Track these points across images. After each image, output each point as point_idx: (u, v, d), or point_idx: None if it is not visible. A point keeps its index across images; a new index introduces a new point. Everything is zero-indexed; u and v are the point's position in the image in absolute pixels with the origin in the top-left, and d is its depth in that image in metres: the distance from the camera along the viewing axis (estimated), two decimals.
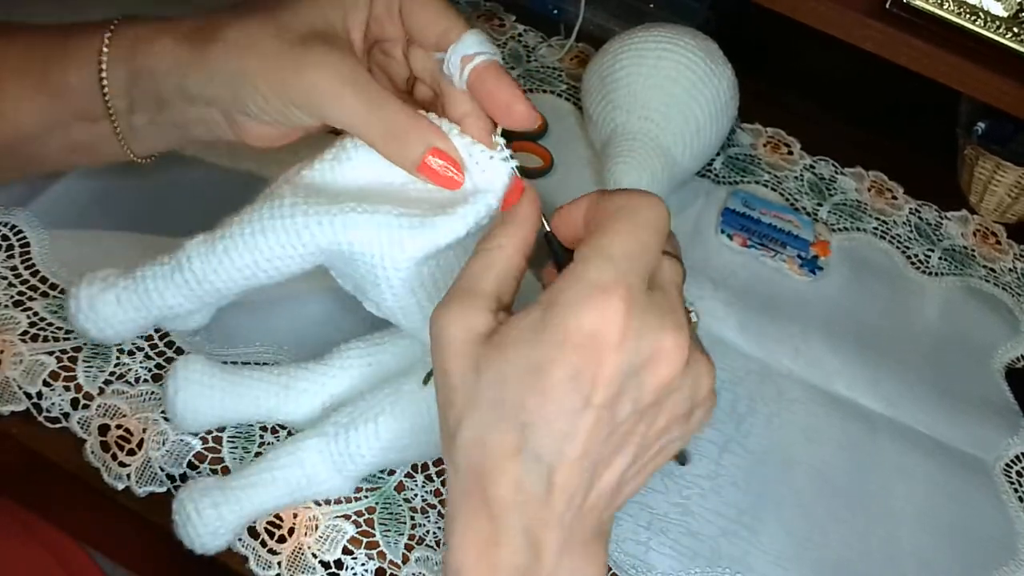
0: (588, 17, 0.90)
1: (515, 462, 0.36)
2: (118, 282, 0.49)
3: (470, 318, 0.38)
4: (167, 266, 0.48)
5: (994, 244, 0.84)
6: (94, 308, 0.49)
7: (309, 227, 0.44)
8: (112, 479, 0.54)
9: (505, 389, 0.36)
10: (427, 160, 0.45)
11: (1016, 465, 0.67)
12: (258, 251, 0.45)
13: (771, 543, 0.59)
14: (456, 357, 0.37)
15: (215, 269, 0.46)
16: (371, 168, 0.46)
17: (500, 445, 0.36)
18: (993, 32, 0.70)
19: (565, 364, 0.35)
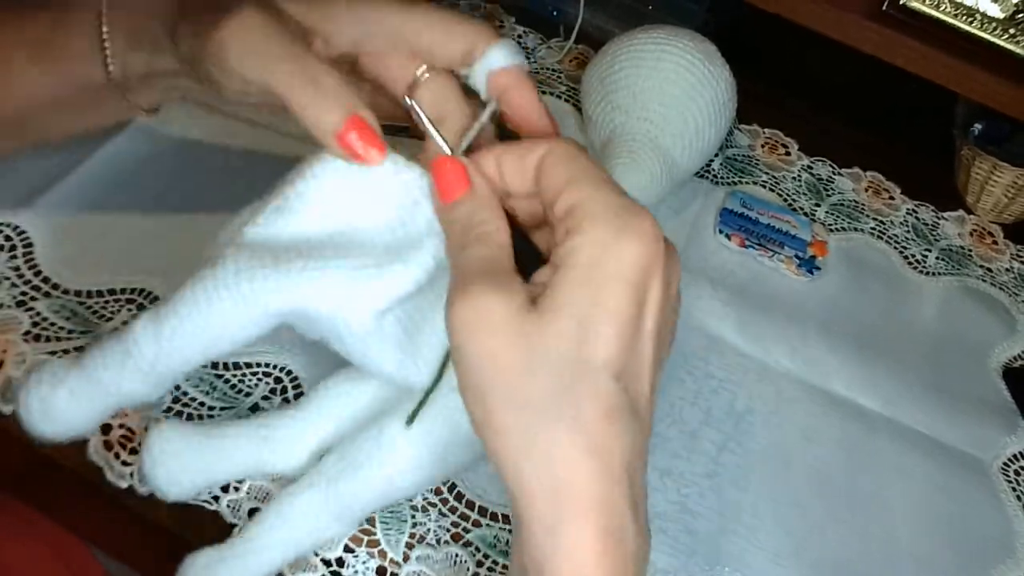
0: (587, 19, 0.90)
1: (618, 424, 0.34)
2: (68, 376, 0.42)
3: (510, 293, 0.35)
4: (117, 353, 0.42)
5: (991, 244, 0.84)
6: (47, 408, 0.42)
7: (256, 295, 0.40)
8: (114, 478, 0.54)
9: (581, 345, 0.34)
10: (347, 131, 0.39)
11: (1013, 464, 0.67)
12: (209, 328, 0.41)
13: (769, 541, 0.59)
14: (507, 336, 0.34)
15: (168, 353, 0.41)
16: (317, 214, 0.42)
17: (597, 409, 0.34)
18: (989, 33, 0.71)
19: (634, 298, 0.34)
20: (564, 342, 0.34)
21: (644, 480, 0.36)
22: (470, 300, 0.35)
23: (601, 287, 0.34)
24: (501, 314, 0.34)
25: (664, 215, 0.78)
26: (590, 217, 0.35)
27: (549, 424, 0.33)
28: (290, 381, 0.59)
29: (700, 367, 0.67)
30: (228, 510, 0.53)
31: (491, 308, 0.34)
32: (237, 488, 0.54)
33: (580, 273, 0.34)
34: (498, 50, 0.42)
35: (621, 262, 0.34)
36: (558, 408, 0.33)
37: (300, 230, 0.42)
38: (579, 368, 0.34)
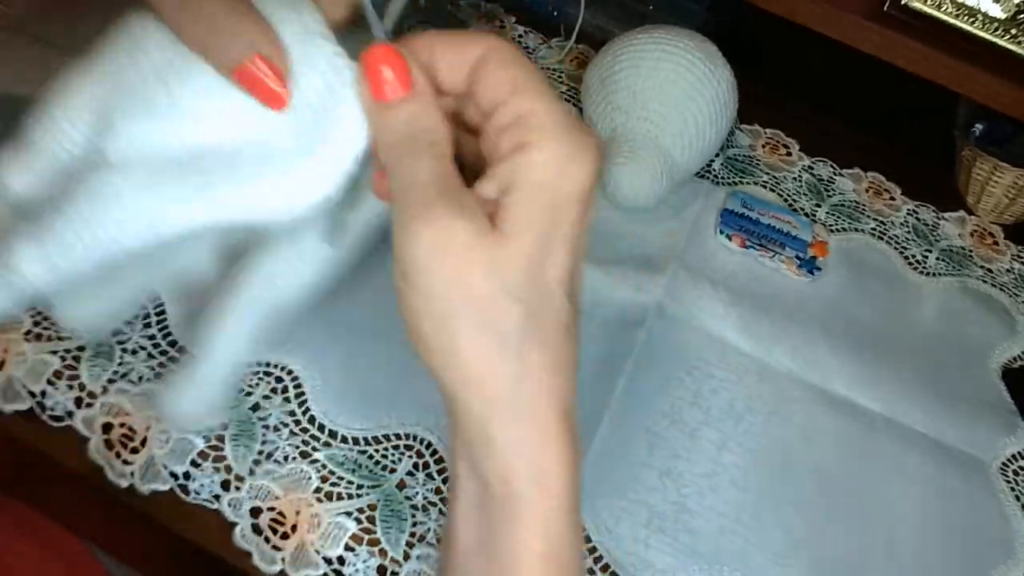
0: (588, 19, 0.90)
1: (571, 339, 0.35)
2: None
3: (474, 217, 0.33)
4: None
5: (991, 245, 0.84)
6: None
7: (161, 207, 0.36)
8: (116, 477, 0.55)
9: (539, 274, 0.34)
10: (247, 65, 0.35)
11: (1012, 464, 0.67)
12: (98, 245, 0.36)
13: (769, 541, 0.59)
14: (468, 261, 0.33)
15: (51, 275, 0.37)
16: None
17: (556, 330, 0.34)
18: (991, 34, 0.71)
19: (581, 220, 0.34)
20: (530, 265, 0.33)
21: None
22: (435, 223, 0.32)
23: (559, 209, 0.33)
24: (467, 237, 0.33)
25: (664, 215, 0.78)
26: (543, 132, 0.33)
27: (522, 347, 0.33)
28: (291, 380, 0.59)
29: (700, 367, 0.67)
30: (229, 508, 0.54)
31: (456, 231, 0.32)
32: (238, 487, 0.54)
33: (538, 194, 0.33)
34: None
35: (576, 183, 0.33)
36: (531, 331, 0.33)
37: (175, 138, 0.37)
38: (543, 291, 0.34)
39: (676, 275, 0.73)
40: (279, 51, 0.35)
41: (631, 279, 0.71)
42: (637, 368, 0.66)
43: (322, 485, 0.55)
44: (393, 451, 0.57)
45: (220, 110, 0.36)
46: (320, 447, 0.56)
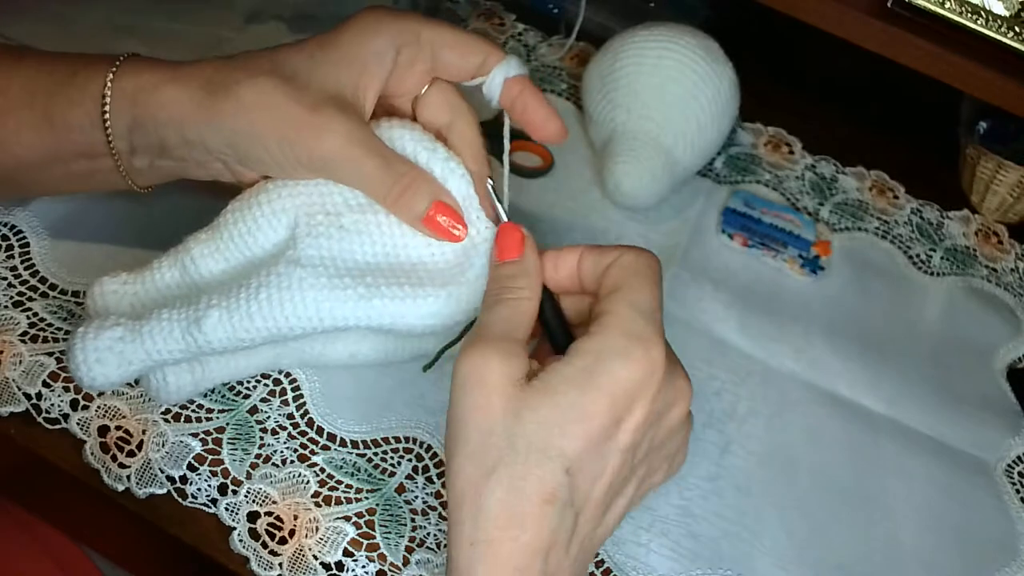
0: (589, 16, 0.90)
1: (551, 508, 0.37)
2: (122, 343, 0.47)
3: (512, 363, 0.39)
4: (178, 338, 0.47)
5: (996, 244, 0.84)
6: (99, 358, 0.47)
7: (319, 305, 0.46)
8: (112, 480, 0.54)
9: (550, 433, 0.37)
10: (431, 214, 0.47)
11: (1018, 466, 0.67)
12: (272, 330, 0.47)
13: (772, 544, 0.58)
14: (498, 399, 0.38)
15: (234, 347, 0.48)
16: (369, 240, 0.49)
17: (539, 490, 0.37)
18: (995, 31, 0.70)
19: (608, 411, 0.38)
20: (538, 426, 0.38)
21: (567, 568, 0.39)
22: (476, 356, 0.39)
23: (586, 391, 0.38)
24: (498, 378, 0.39)
25: (666, 214, 0.78)
26: (606, 328, 0.39)
27: (494, 484, 0.38)
28: (289, 383, 0.58)
29: (702, 368, 0.67)
30: (226, 513, 0.53)
31: (491, 369, 0.39)
32: (235, 491, 0.53)
33: (574, 373, 0.39)
34: (512, 61, 0.50)
35: (611, 377, 0.38)
36: (508, 475, 0.38)
37: (352, 253, 0.48)
38: (541, 450, 0.38)
39: (678, 275, 0.73)
40: (454, 202, 0.49)
41: None
42: None
43: (320, 489, 0.54)
44: (392, 454, 0.57)
45: (393, 239, 0.48)
46: (318, 450, 0.56)
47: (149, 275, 0.50)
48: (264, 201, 0.48)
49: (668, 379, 0.40)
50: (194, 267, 0.49)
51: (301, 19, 0.85)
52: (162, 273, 0.49)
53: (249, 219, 0.48)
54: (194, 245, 0.49)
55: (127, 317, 0.48)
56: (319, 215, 0.48)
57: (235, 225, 0.48)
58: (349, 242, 0.48)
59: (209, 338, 0.46)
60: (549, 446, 0.37)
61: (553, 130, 0.50)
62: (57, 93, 0.48)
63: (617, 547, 0.56)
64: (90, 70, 0.47)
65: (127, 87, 0.47)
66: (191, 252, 0.49)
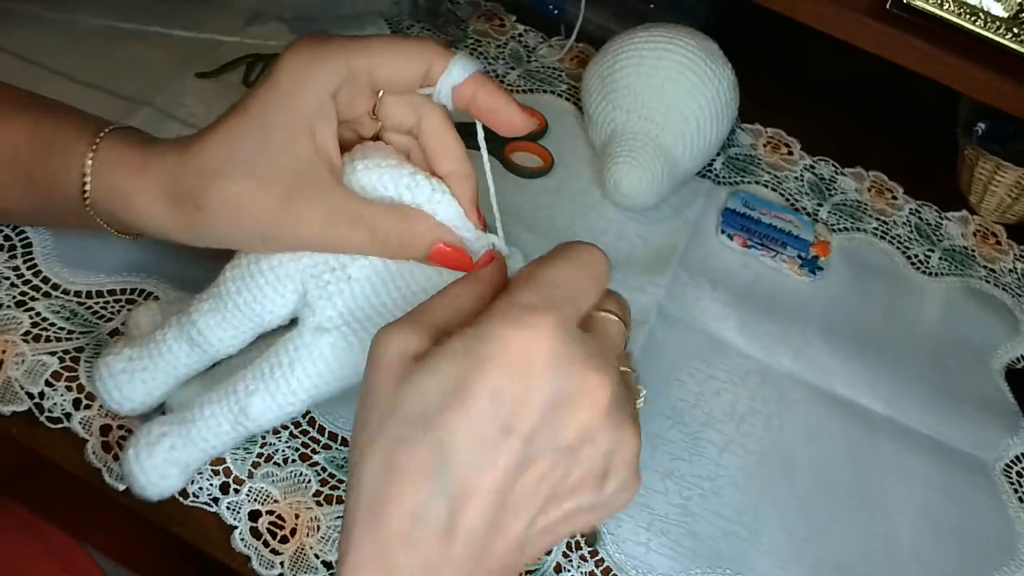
0: (588, 17, 0.90)
1: (420, 486, 0.34)
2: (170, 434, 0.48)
3: (408, 338, 0.37)
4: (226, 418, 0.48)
5: (994, 244, 0.84)
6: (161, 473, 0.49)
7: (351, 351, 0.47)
8: (113, 479, 0.54)
9: (425, 402, 0.35)
10: (434, 256, 0.47)
11: (1016, 466, 0.67)
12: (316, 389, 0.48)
13: (771, 544, 0.59)
14: (384, 373, 0.36)
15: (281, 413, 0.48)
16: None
17: (408, 464, 0.34)
18: (993, 32, 0.71)
19: (489, 381, 0.34)
20: (416, 397, 0.35)
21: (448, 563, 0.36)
22: (381, 332, 0.38)
23: (464, 363, 0.35)
24: (390, 354, 0.37)
25: (665, 215, 0.78)
26: (508, 292, 0.37)
27: (370, 453, 0.36)
28: None
29: (701, 368, 0.67)
30: (228, 512, 0.53)
31: (384, 344, 0.37)
32: (237, 490, 0.54)
33: (457, 345, 0.36)
34: (457, 63, 0.45)
35: (489, 347, 0.35)
36: (383, 443, 0.35)
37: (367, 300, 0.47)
38: (414, 422, 0.35)
39: (677, 275, 0.73)
40: (453, 236, 0.47)
41: (631, 280, 0.71)
42: (638, 370, 0.65)
43: (322, 488, 0.54)
44: None
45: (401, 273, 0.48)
46: (320, 449, 0.56)
47: (156, 349, 0.49)
48: (266, 268, 0.47)
49: (566, 363, 0.35)
50: (203, 339, 0.48)
51: (301, 20, 0.85)
52: (169, 347, 0.49)
53: (253, 288, 0.47)
54: (199, 317, 0.48)
55: (145, 397, 0.50)
56: (326, 274, 0.47)
57: (239, 295, 0.47)
58: (361, 290, 0.47)
59: (259, 422, 0.47)
60: (423, 418, 0.35)
61: (518, 123, 0.46)
62: (38, 163, 0.47)
63: (617, 546, 0.56)
64: (66, 153, 0.47)
65: (101, 186, 0.46)
66: (197, 325, 0.48)
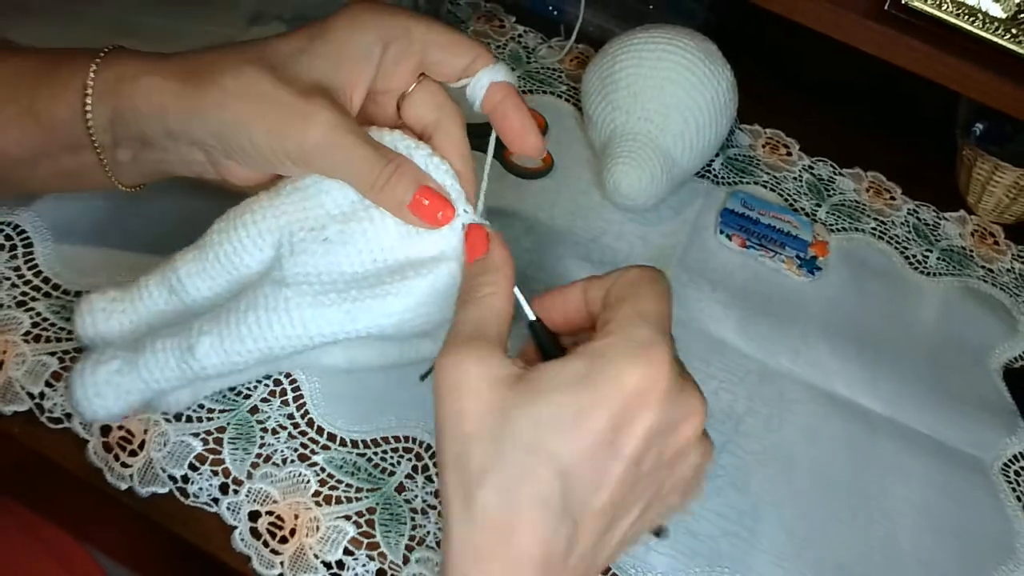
0: (588, 18, 0.90)
1: (545, 515, 0.35)
2: (120, 373, 0.48)
3: (491, 363, 0.37)
4: (173, 366, 0.48)
5: (992, 244, 0.84)
6: (91, 391, 0.48)
7: (306, 324, 0.47)
8: (114, 479, 0.54)
9: (542, 434, 0.36)
10: (416, 199, 0.46)
11: (1014, 465, 0.67)
12: (264, 350, 0.47)
13: (771, 543, 0.59)
14: (478, 402, 0.37)
15: (228, 369, 0.48)
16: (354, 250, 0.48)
17: (532, 496, 0.35)
18: (991, 33, 0.71)
19: (608, 414, 0.35)
20: (529, 426, 0.36)
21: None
22: (448, 361, 0.38)
23: (583, 392, 0.36)
24: (474, 381, 0.37)
25: (665, 215, 0.78)
26: (609, 333, 0.38)
27: (484, 491, 0.36)
28: (289, 383, 0.59)
29: (701, 368, 0.67)
30: (228, 512, 0.53)
31: (464, 372, 0.37)
32: (237, 490, 0.54)
33: (571, 373, 0.37)
34: (500, 66, 0.49)
35: (612, 380, 0.36)
36: (497, 480, 0.36)
37: (337, 265, 0.48)
38: (532, 452, 0.36)
39: (676, 276, 0.73)
40: (438, 187, 0.47)
41: None
42: None
43: (321, 488, 0.55)
44: (392, 454, 0.57)
45: (380, 244, 0.48)
46: (319, 450, 0.56)
47: (137, 293, 0.50)
48: (249, 222, 0.48)
49: (676, 390, 0.37)
50: (181, 287, 0.49)
51: (303, 21, 0.84)
52: (150, 292, 0.49)
53: (235, 239, 0.48)
54: (181, 265, 0.49)
55: (118, 340, 0.49)
56: (302, 232, 0.48)
57: (220, 246, 0.48)
58: (335, 255, 0.47)
59: (203, 364, 0.47)
60: (541, 448, 0.35)
61: (530, 144, 0.49)
62: (41, 87, 0.47)
63: None
64: (73, 63, 0.47)
65: (109, 78, 0.46)
66: (178, 272, 0.49)
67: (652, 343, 0.37)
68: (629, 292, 0.40)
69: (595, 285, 0.43)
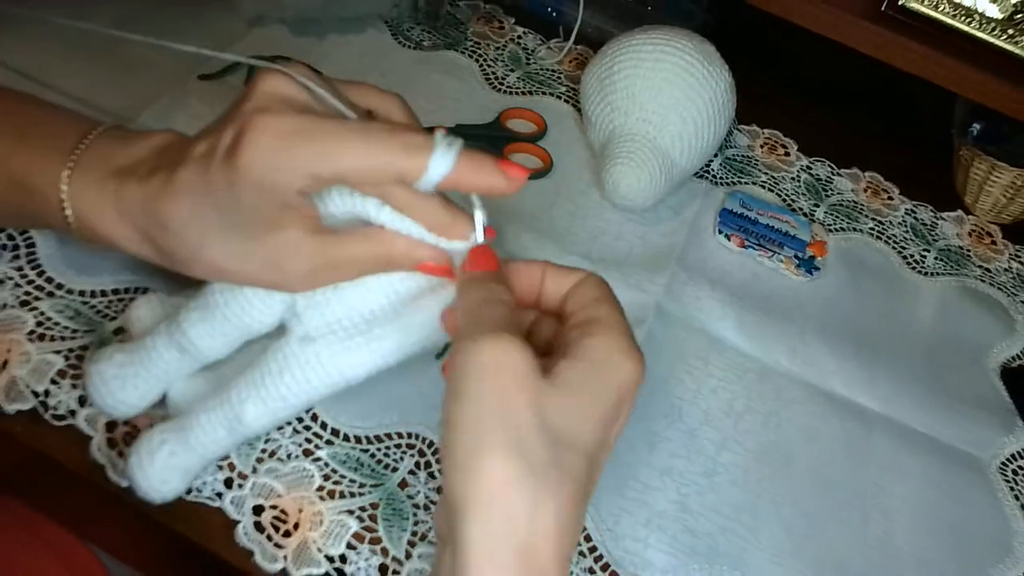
0: (587, 19, 0.91)
1: (580, 510, 0.37)
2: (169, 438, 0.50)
3: (523, 349, 0.37)
4: (222, 426, 0.49)
5: (989, 244, 0.85)
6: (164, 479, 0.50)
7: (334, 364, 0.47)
8: (118, 477, 0.55)
9: (578, 428, 0.37)
10: (421, 268, 0.46)
11: (1011, 464, 0.68)
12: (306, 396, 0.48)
13: (769, 541, 0.59)
14: (520, 392, 0.36)
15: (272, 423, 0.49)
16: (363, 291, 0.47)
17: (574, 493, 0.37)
18: (988, 34, 0.71)
19: (616, 404, 0.39)
20: (567, 418, 0.37)
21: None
22: (498, 343, 0.37)
23: (600, 386, 0.39)
24: (523, 367, 0.37)
25: (664, 215, 0.78)
26: (608, 331, 0.40)
27: (538, 492, 0.35)
28: None
29: (700, 367, 0.68)
30: (231, 506, 0.54)
31: (516, 356, 0.37)
32: (241, 485, 0.54)
33: (589, 369, 0.39)
34: (435, 163, 0.41)
35: (620, 374, 0.39)
36: (554, 480, 0.36)
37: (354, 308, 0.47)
38: (570, 444, 0.37)
39: (675, 275, 0.73)
40: (431, 249, 0.45)
41: (630, 279, 0.72)
42: None
43: (324, 483, 0.55)
44: (395, 449, 0.57)
45: (389, 278, 0.47)
46: (323, 445, 0.57)
47: (146, 355, 0.50)
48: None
49: None
50: (192, 346, 0.49)
51: (303, 22, 0.85)
52: (160, 353, 0.50)
53: (241, 299, 0.48)
54: (188, 327, 0.49)
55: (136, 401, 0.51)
56: None
57: (227, 306, 0.48)
58: (350, 299, 0.47)
59: (254, 427, 0.49)
60: (576, 441, 0.37)
61: (504, 187, 0.43)
62: (16, 154, 0.47)
63: (615, 542, 0.57)
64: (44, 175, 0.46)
65: (79, 213, 0.46)
66: (187, 334, 0.49)
67: (636, 348, 0.40)
68: (602, 297, 0.42)
69: (553, 277, 0.44)
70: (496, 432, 0.36)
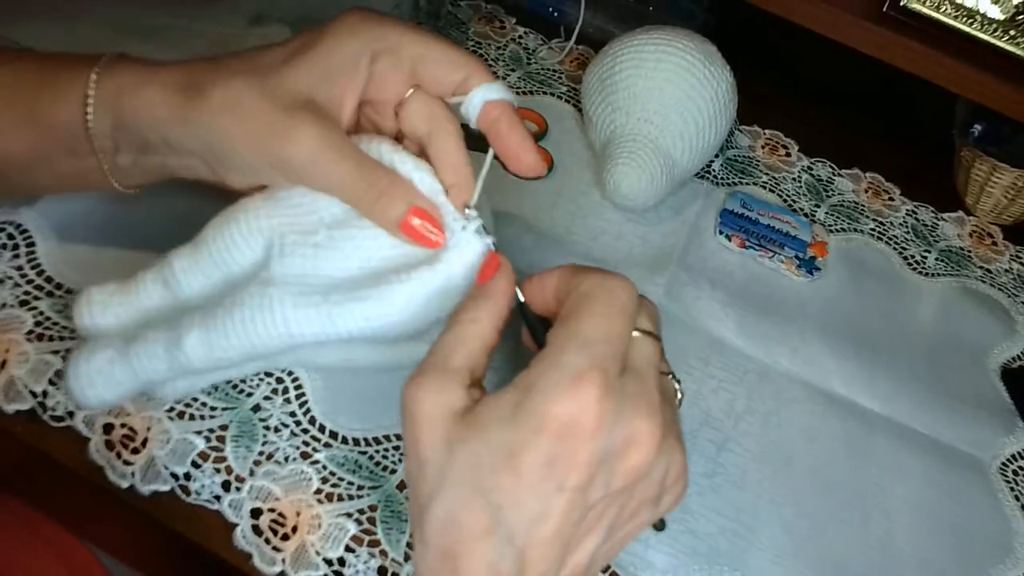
0: (588, 20, 0.91)
1: (487, 543, 0.36)
2: (113, 363, 0.49)
3: (445, 394, 0.38)
4: (163, 357, 0.48)
5: (990, 245, 0.85)
6: (86, 380, 0.49)
7: (288, 324, 0.46)
8: (116, 477, 0.55)
9: (479, 470, 0.36)
10: (408, 219, 0.46)
11: (1012, 464, 0.68)
12: (250, 348, 0.47)
13: (769, 541, 0.59)
14: (429, 433, 0.37)
15: (214, 364, 0.48)
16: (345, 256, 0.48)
17: (472, 525, 0.36)
18: (989, 35, 0.71)
19: (540, 450, 0.36)
20: (469, 461, 0.37)
21: None
22: (409, 388, 0.39)
23: (513, 428, 0.37)
24: (428, 410, 0.38)
25: (664, 216, 0.78)
26: (540, 360, 0.38)
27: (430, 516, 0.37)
28: (291, 381, 0.59)
29: (700, 367, 0.68)
30: (230, 509, 0.54)
31: (420, 402, 0.38)
32: (239, 488, 0.54)
33: (503, 408, 0.37)
34: (495, 84, 0.47)
35: (539, 413, 0.36)
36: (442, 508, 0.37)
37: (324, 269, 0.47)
38: (471, 486, 0.37)
39: (676, 275, 0.73)
40: (431, 206, 0.46)
41: (631, 279, 0.71)
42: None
43: (322, 486, 0.55)
44: (393, 452, 0.57)
45: (368, 251, 0.47)
46: (320, 448, 0.57)
47: (134, 287, 0.50)
48: (241, 220, 0.48)
49: (612, 419, 0.36)
50: (176, 282, 0.49)
51: (304, 22, 0.85)
52: (146, 286, 0.50)
53: (227, 236, 0.48)
54: (176, 260, 0.49)
55: (114, 332, 0.49)
56: (292, 235, 0.48)
57: (214, 242, 0.48)
58: (323, 259, 0.47)
59: (189, 357, 0.47)
60: (479, 483, 0.36)
61: (526, 163, 0.47)
62: (41, 93, 0.48)
63: None
64: (73, 70, 0.47)
65: (109, 87, 0.47)
66: (173, 267, 0.49)
67: (581, 373, 0.36)
68: (574, 308, 0.39)
69: (563, 280, 0.42)
70: (407, 470, 0.39)
